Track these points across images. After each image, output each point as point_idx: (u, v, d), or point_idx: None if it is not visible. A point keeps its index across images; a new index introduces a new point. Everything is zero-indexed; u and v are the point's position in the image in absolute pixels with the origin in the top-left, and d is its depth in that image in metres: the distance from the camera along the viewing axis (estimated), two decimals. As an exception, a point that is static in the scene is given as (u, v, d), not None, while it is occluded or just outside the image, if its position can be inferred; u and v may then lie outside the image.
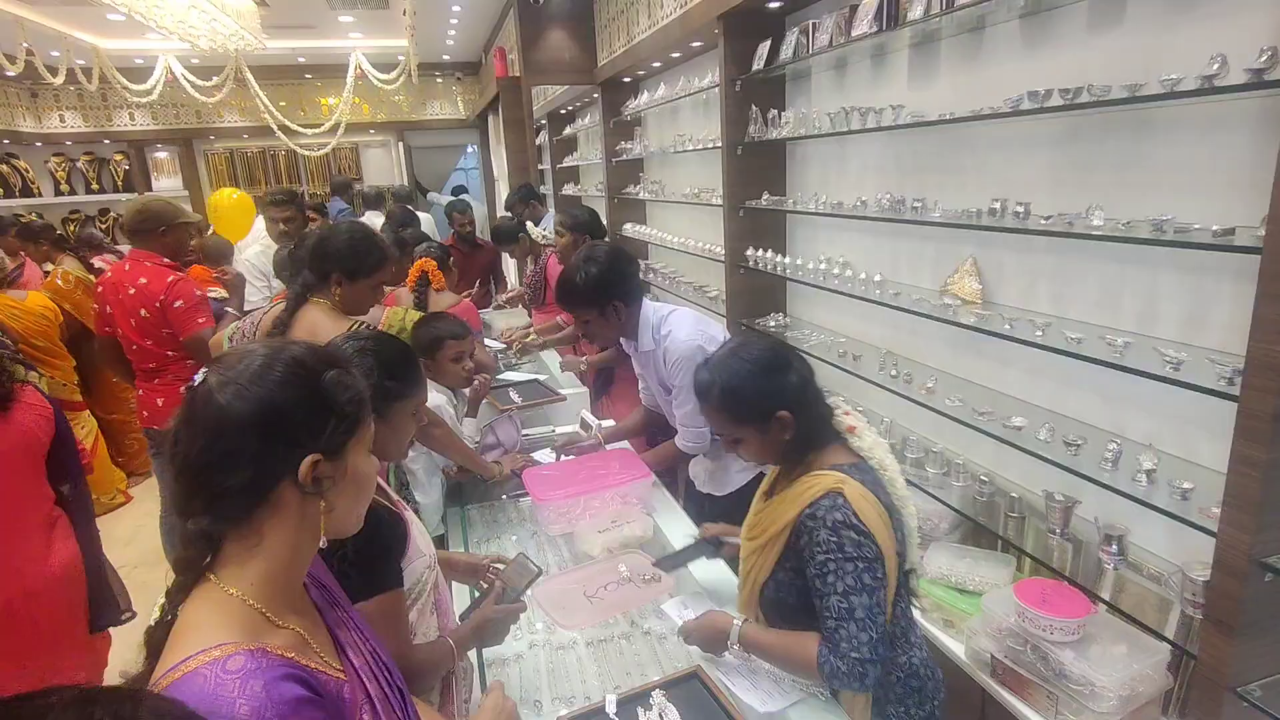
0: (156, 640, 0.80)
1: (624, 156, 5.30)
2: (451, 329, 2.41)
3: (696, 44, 3.95)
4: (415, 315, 2.82)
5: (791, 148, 3.35)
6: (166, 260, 3.00)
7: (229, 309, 3.70)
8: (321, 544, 0.90)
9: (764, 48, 3.09)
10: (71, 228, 8.60)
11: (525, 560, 1.60)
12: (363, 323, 2.12)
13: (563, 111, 7.51)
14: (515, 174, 6.36)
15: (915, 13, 2.11)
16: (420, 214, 6.44)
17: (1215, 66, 1.44)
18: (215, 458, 0.82)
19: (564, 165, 7.37)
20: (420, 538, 1.65)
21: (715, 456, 2.42)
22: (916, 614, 1.74)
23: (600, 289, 2.23)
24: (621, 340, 2.47)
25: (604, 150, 5.52)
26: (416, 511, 2.10)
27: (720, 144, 3.60)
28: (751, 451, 1.46)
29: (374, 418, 1.28)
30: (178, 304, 2.89)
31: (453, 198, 8.72)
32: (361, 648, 0.95)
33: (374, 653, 0.97)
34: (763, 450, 1.45)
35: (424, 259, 3.38)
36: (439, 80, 9.42)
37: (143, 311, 2.90)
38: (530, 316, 4.79)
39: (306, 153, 8.48)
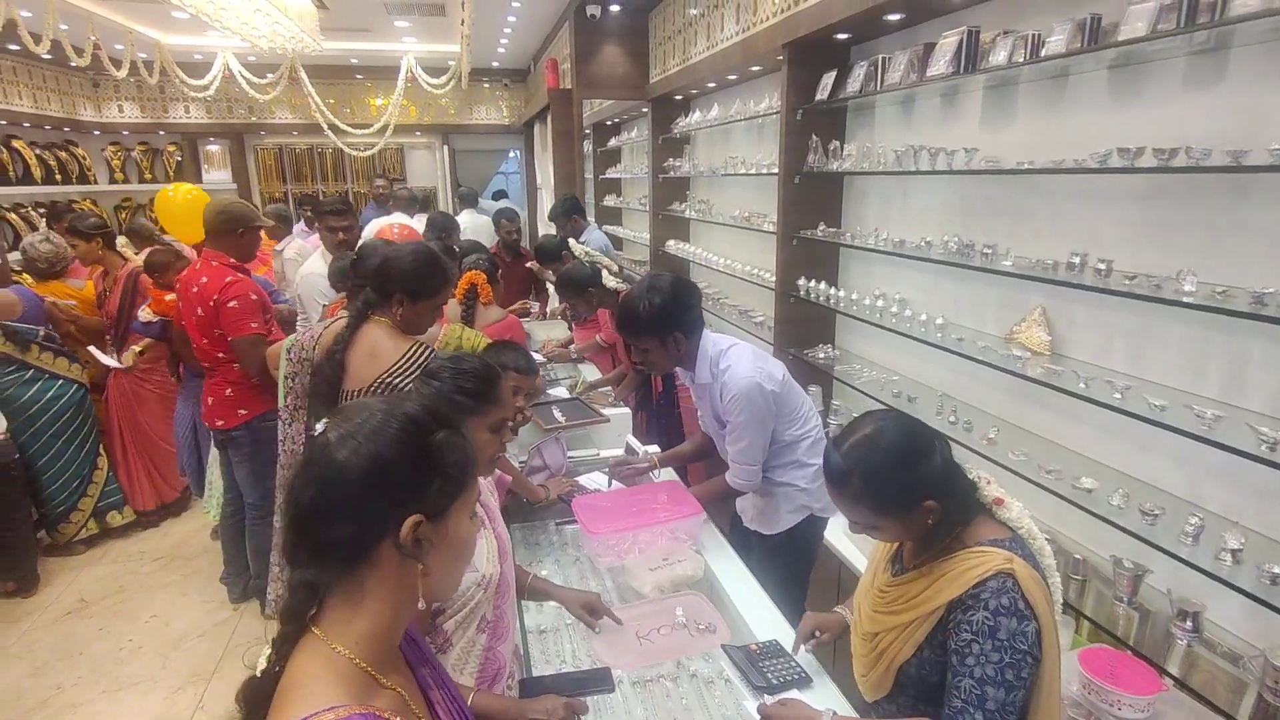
0: (261, 693, 0.79)
1: (671, 173, 5.29)
2: (517, 361, 2.43)
3: (755, 69, 3.93)
4: (472, 334, 2.84)
5: (849, 180, 3.32)
6: (232, 261, 3.04)
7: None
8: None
9: (829, 78, 3.07)
10: (123, 215, 8.81)
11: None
12: (422, 343, 2.12)
13: (608, 123, 7.54)
14: (561, 184, 6.39)
15: (998, 57, 2.07)
16: (480, 217, 6.49)
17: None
18: (323, 508, 0.82)
19: (606, 177, 7.40)
20: (478, 554, 1.64)
21: (765, 494, 2.39)
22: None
23: (662, 319, 2.22)
24: (679, 370, 2.45)
25: (650, 166, 5.52)
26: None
27: (776, 171, 3.58)
28: (891, 536, 1.39)
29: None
30: (231, 304, 2.92)
31: (494, 202, 8.82)
32: (450, 707, 0.94)
33: (460, 712, 0.96)
34: (904, 535, 1.37)
35: (473, 271, 3.38)
36: (486, 85, 9.51)
37: (199, 310, 2.94)
38: (570, 330, 4.81)
39: (353, 152, 8.61)
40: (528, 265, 5.27)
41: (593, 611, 1.71)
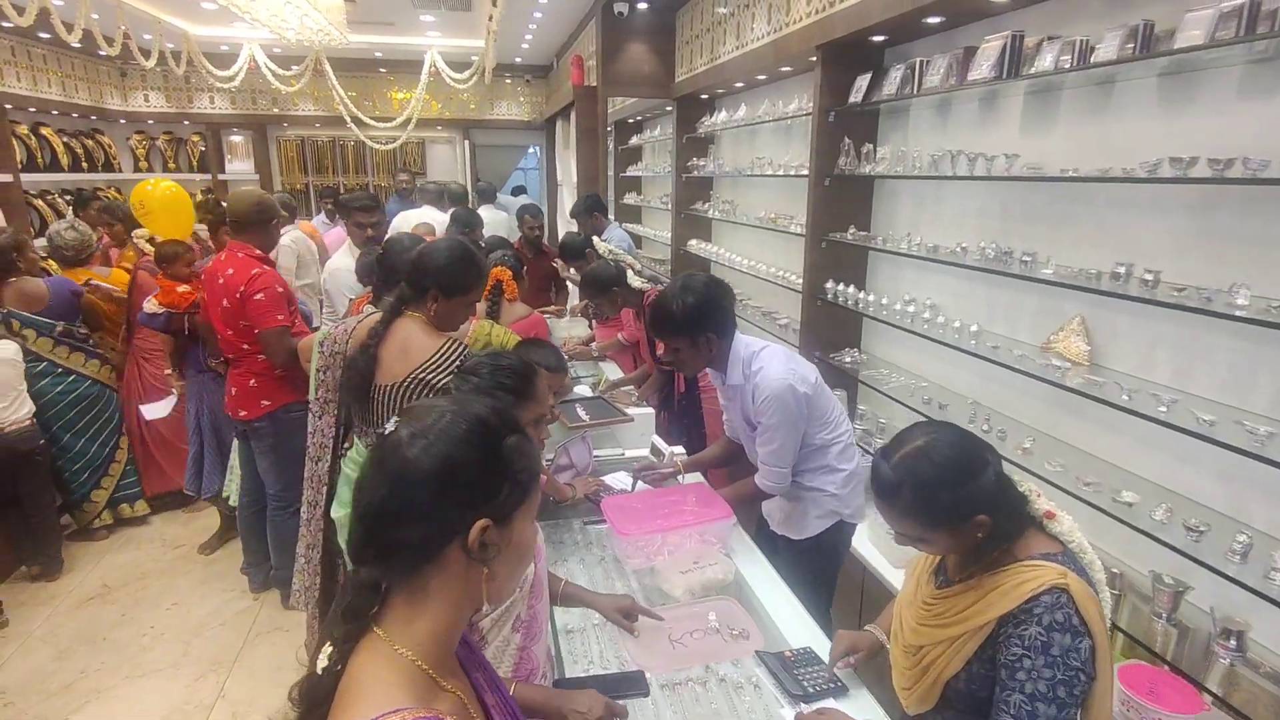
0: (322, 691, 0.79)
1: (695, 173, 5.27)
2: (548, 360, 2.43)
3: (786, 69, 3.90)
4: (501, 331, 2.83)
5: (879, 182, 3.29)
6: (258, 253, 3.05)
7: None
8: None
9: (863, 80, 3.04)
10: (146, 204, 8.88)
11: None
12: (456, 339, 2.12)
13: (630, 121, 7.52)
14: (585, 183, 6.38)
15: (1043, 63, 2.04)
16: (499, 213, 6.49)
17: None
18: (393, 508, 0.82)
19: (627, 174, 7.39)
20: None
21: (794, 498, 2.37)
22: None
23: (696, 319, 2.21)
24: (709, 371, 2.44)
25: (674, 165, 5.50)
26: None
27: (806, 173, 3.56)
28: (939, 549, 1.38)
29: None
30: (258, 296, 2.92)
31: (512, 198, 8.83)
32: (504, 711, 0.93)
33: (514, 716, 0.95)
34: (952, 548, 1.35)
35: (499, 268, 3.38)
36: (508, 81, 9.51)
37: (225, 302, 2.95)
38: (591, 328, 4.80)
39: (375, 145, 8.64)
40: (552, 263, 5.27)
41: (628, 615, 1.70)
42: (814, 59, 3.25)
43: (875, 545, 2.79)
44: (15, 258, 3.68)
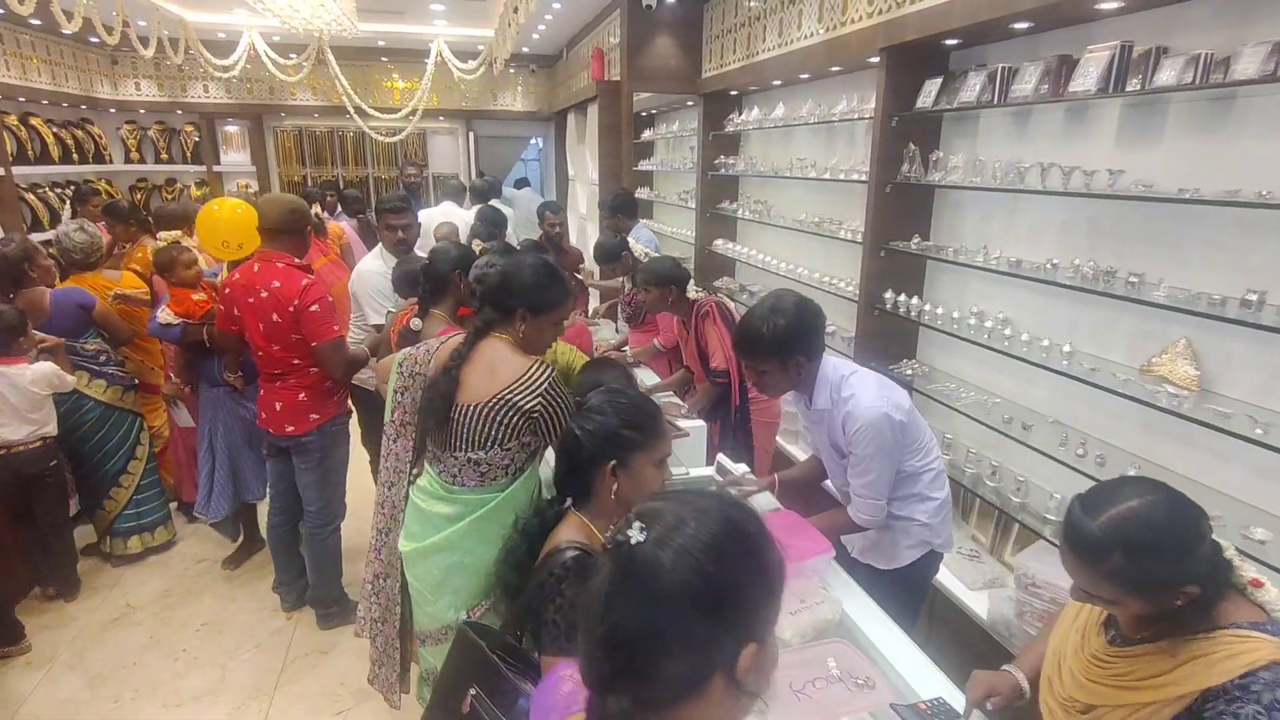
0: None
1: (723, 171, 5.14)
2: (616, 380, 2.35)
3: (835, 69, 3.79)
4: (566, 349, 2.71)
5: (941, 191, 3.19)
6: (297, 261, 2.90)
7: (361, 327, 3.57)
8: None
9: (932, 85, 2.93)
10: (138, 196, 8.60)
11: None
12: (543, 362, 2.00)
13: (643, 114, 7.36)
14: (606, 178, 6.23)
15: (1165, 77, 1.95)
16: (505, 209, 6.32)
17: None
18: (655, 635, 0.71)
19: (638, 169, 7.22)
20: None
21: (883, 527, 2.28)
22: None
23: (786, 342, 2.11)
24: (792, 394, 2.34)
25: (700, 162, 5.37)
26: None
27: (857, 177, 3.46)
28: (1129, 613, 1.28)
29: (618, 466, 1.49)
30: (313, 308, 2.79)
31: (516, 190, 8.63)
32: None
33: None
34: (1144, 612, 1.26)
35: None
36: (512, 71, 9.29)
37: (275, 316, 2.79)
38: (616, 332, 4.69)
39: (379, 137, 8.40)
40: (578, 263, 5.13)
41: None
42: (874, 60, 3.14)
43: (947, 565, 2.73)
44: (27, 268, 3.47)
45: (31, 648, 3.17)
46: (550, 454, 1.94)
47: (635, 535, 0.75)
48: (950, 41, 2.85)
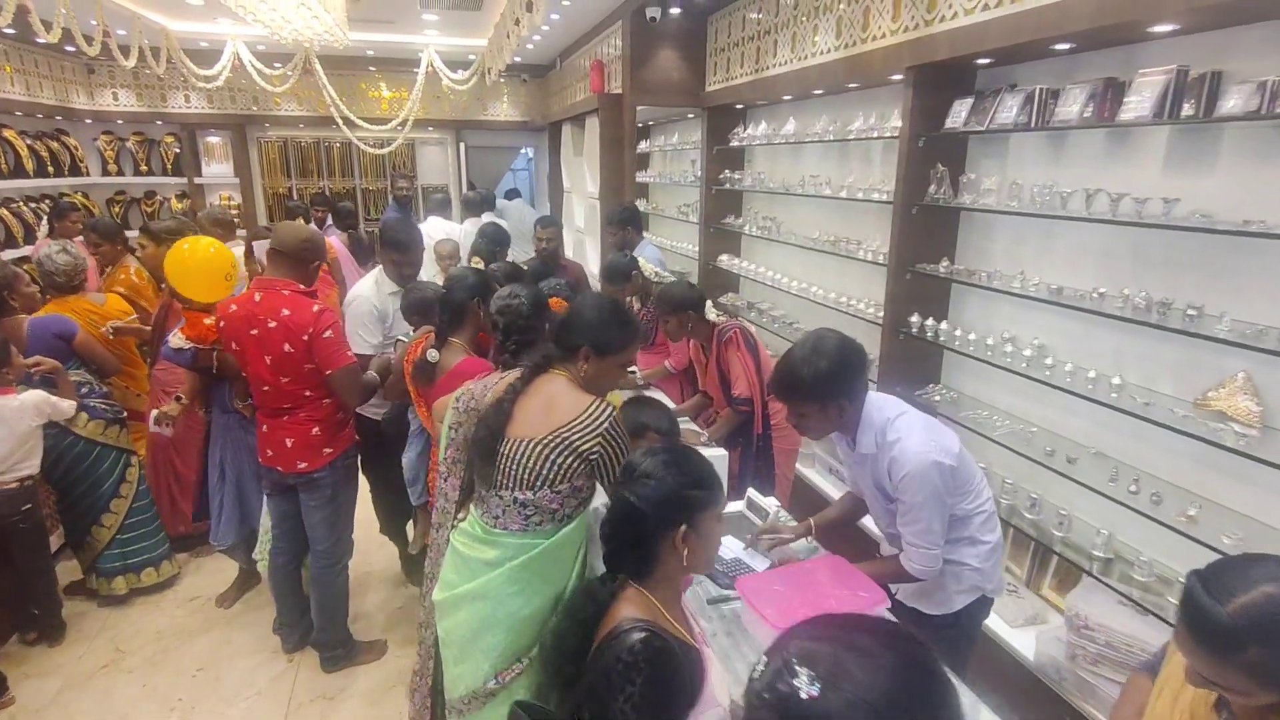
0: None
1: (728, 185, 5.05)
2: (659, 421, 2.26)
3: (852, 86, 3.71)
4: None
5: (968, 214, 3.11)
6: (303, 287, 2.75)
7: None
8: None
9: (961, 105, 2.86)
10: (116, 209, 8.33)
11: None
12: (605, 402, 1.88)
13: (639, 126, 7.26)
14: (608, 193, 6.11)
15: (1230, 105, 1.87)
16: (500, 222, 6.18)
17: None
18: None
19: (635, 182, 7.13)
20: (719, 683, 1.43)
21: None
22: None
23: (828, 385, 2.00)
24: (834, 436, 2.23)
25: (704, 177, 5.28)
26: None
27: (878, 197, 3.38)
28: (1253, 702, 1.18)
29: (688, 531, 1.43)
30: (326, 334, 2.65)
31: (508, 201, 8.47)
32: None
33: None
34: (1266, 697, 1.15)
35: (554, 299, 3.13)
36: (502, 81, 9.14)
37: (287, 346, 2.63)
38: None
39: (367, 148, 8.20)
40: (578, 280, 4.99)
41: None
42: (898, 78, 3.06)
43: (995, 612, 2.63)
44: (7, 295, 3.27)
45: (15, 700, 2.97)
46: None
47: (806, 688, 0.64)
48: (982, 61, 2.78)
